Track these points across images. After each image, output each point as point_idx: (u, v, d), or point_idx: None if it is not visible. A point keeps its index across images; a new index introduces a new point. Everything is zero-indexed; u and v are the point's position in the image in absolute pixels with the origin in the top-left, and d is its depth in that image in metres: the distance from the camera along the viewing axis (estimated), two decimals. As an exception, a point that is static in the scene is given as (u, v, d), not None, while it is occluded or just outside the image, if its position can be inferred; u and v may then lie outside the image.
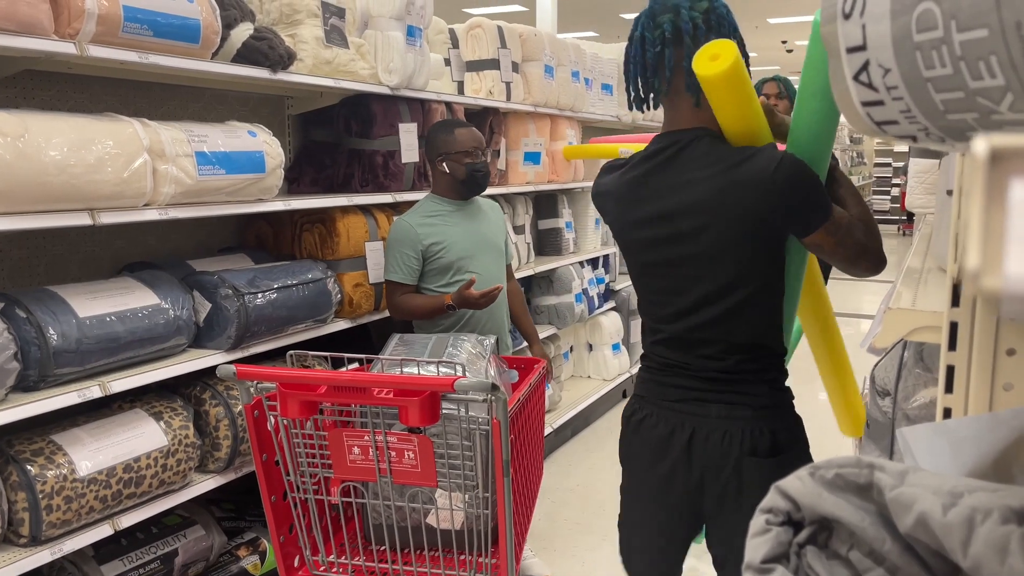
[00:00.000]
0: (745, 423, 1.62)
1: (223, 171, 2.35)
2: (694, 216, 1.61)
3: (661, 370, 1.74)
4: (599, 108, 5.01)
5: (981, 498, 0.52)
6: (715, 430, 1.64)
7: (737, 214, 1.56)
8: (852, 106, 0.55)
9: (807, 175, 1.55)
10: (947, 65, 0.46)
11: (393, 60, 3.05)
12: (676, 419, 1.69)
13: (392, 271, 2.83)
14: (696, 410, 1.66)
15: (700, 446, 1.65)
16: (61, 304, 2.10)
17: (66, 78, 2.48)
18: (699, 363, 1.68)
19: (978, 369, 0.71)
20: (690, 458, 1.67)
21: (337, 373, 1.95)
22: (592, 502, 3.95)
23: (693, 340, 1.68)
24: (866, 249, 1.57)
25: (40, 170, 1.90)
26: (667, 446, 1.70)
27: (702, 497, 1.69)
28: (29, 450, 2.04)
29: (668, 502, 1.74)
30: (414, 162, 3.27)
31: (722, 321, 1.64)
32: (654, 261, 1.72)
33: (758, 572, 0.62)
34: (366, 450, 1.97)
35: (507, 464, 1.92)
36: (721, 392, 1.65)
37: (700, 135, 1.63)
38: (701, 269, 1.64)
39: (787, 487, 0.63)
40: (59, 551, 2.05)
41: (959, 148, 0.54)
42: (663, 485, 1.73)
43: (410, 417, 1.84)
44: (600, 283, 5.15)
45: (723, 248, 1.60)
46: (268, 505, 2.08)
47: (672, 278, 1.69)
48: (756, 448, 1.62)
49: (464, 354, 2.29)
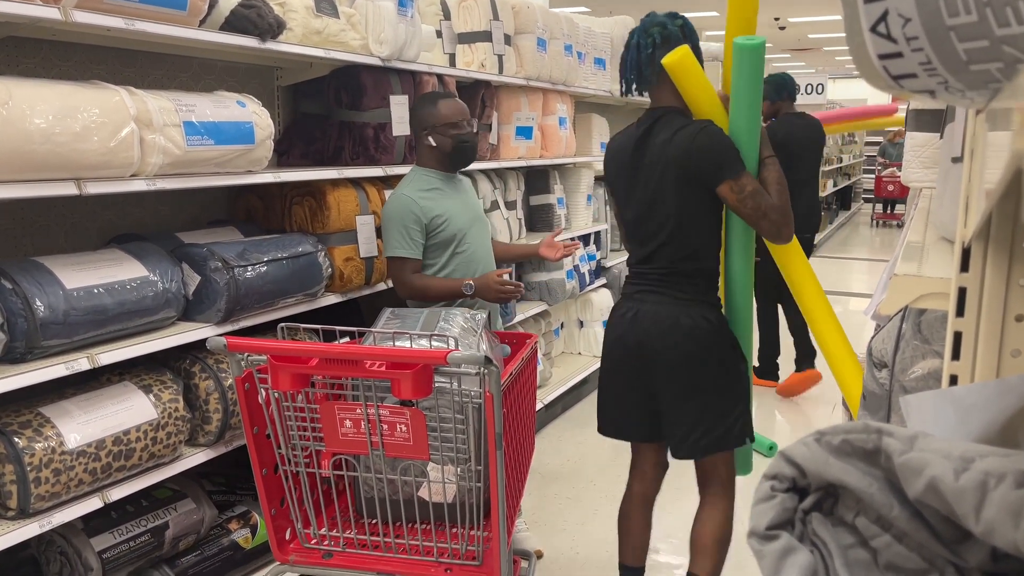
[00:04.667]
0: (673, 307, 2.34)
1: (212, 141, 2.31)
2: (653, 165, 2.32)
3: (631, 277, 2.47)
4: (592, 83, 4.97)
5: (994, 462, 0.51)
6: (651, 311, 2.37)
7: (674, 163, 2.27)
8: (868, 60, 0.53)
9: (720, 141, 2.25)
10: (972, 12, 0.44)
11: (384, 31, 3.01)
12: (630, 304, 2.42)
13: (397, 247, 2.72)
14: (644, 299, 2.39)
15: (642, 321, 2.37)
16: (48, 275, 2.07)
17: (51, 45, 2.43)
18: (651, 271, 2.39)
19: (986, 335, 0.70)
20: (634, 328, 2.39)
21: (329, 346, 1.93)
22: (582, 477, 3.96)
23: (649, 255, 2.38)
24: (765, 212, 2.23)
25: (25, 138, 1.87)
26: (620, 320, 2.44)
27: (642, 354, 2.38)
28: (16, 422, 2.02)
29: (623, 363, 2.44)
30: (405, 135, 3.23)
31: (666, 243, 2.33)
32: (630, 197, 2.41)
33: (762, 539, 0.61)
34: (358, 423, 1.96)
35: (499, 437, 1.93)
36: (662, 290, 2.37)
37: (670, 111, 2.35)
38: (655, 204, 2.33)
39: (792, 453, 0.62)
40: (48, 524, 2.04)
41: (979, 102, 0.52)
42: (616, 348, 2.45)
43: (403, 390, 1.84)
44: (591, 260, 5.14)
45: (667, 189, 2.30)
46: (259, 478, 2.07)
47: (639, 210, 2.38)
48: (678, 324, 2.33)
49: (456, 328, 2.27)
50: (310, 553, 2.15)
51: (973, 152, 0.70)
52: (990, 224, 0.71)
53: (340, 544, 2.15)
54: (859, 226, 14.41)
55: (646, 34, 2.35)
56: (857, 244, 12.54)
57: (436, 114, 2.78)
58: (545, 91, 4.46)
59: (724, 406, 2.35)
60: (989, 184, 0.62)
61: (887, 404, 1.22)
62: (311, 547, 2.15)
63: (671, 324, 2.31)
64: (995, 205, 0.65)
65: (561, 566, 3.16)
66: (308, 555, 2.14)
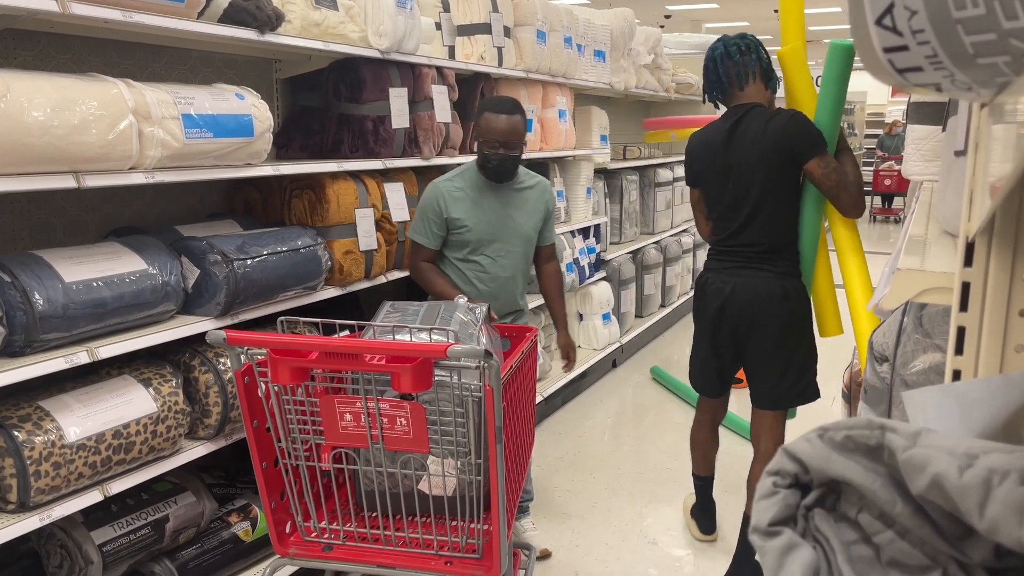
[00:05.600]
0: (771, 280, 2.76)
1: (211, 134, 2.30)
2: (747, 152, 2.72)
3: (719, 255, 2.86)
4: (591, 75, 4.95)
5: (998, 459, 0.51)
6: (750, 284, 2.77)
7: (771, 146, 2.68)
8: (873, 53, 0.53)
9: (808, 126, 2.69)
10: (979, 5, 0.43)
11: (383, 23, 3.00)
12: (724, 278, 2.82)
13: (416, 231, 2.90)
14: (739, 273, 2.80)
15: (741, 292, 2.77)
16: (47, 269, 2.06)
17: (48, 37, 2.42)
18: (744, 249, 2.79)
19: (989, 330, 0.70)
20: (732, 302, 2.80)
21: (329, 339, 1.92)
22: (582, 470, 3.97)
23: (741, 234, 2.78)
24: (846, 185, 2.67)
25: (23, 131, 1.86)
26: (718, 293, 2.82)
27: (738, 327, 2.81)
28: (16, 416, 2.02)
29: (720, 329, 2.86)
30: (404, 128, 3.22)
31: (759, 222, 2.73)
32: (723, 184, 2.79)
33: (765, 535, 0.61)
34: (358, 416, 1.96)
35: (499, 431, 1.92)
36: (758, 265, 2.78)
37: (755, 106, 2.77)
38: (750, 187, 2.73)
39: (795, 449, 0.62)
40: (48, 517, 2.04)
41: (985, 96, 0.52)
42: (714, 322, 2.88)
43: (402, 383, 1.83)
44: (591, 253, 5.13)
45: (760, 172, 2.70)
46: (259, 472, 2.07)
47: (735, 193, 2.77)
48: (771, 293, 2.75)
49: (455, 322, 2.27)
50: (310, 546, 2.14)
51: (978, 146, 0.70)
52: (994, 219, 0.71)
53: (340, 537, 2.14)
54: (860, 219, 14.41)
55: (734, 45, 2.79)
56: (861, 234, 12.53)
57: (478, 125, 2.83)
58: (545, 83, 4.45)
59: (805, 366, 2.83)
60: (993, 178, 0.61)
61: (888, 398, 1.22)
62: (311, 540, 2.15)
63: (770, 294, 2.74)
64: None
65: (561, 558, 3.16)
66: (308, 548, 2.14)
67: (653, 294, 6.33)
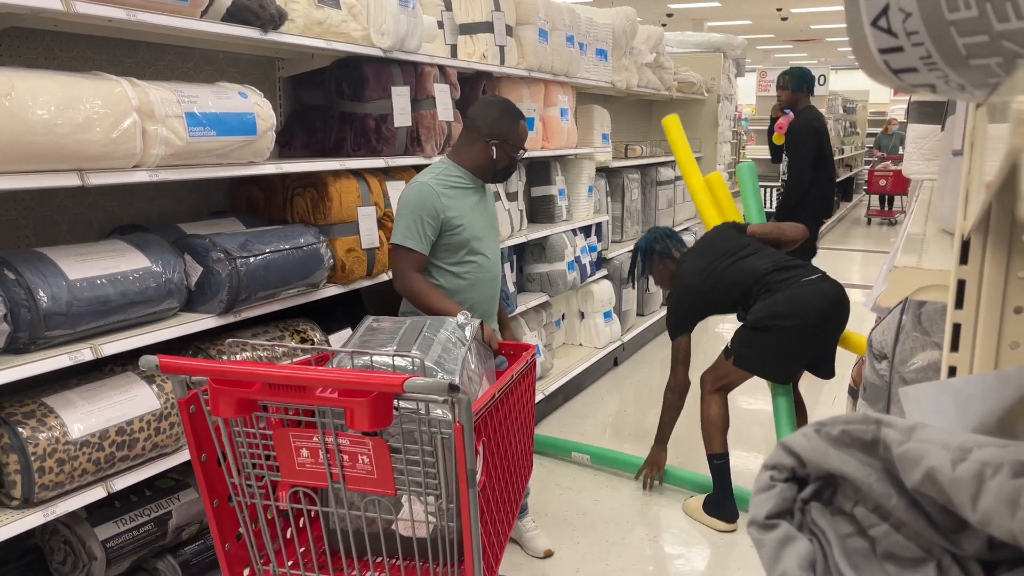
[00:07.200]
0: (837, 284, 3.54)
1: (214, 133, 2.31)
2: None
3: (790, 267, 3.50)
4: (593, 74, 4.95)
5: (991, 453, 0.51)
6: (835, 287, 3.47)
7: None
8: (869, 54, 0.54)
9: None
10: (972, 7, 0.44)
11: (386, 21, 3.01)
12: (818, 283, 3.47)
13: (408, 236, 2.62)
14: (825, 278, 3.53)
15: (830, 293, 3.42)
16: (51, 266, 2.07)
17: (52, 36, 2.43)
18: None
19: (985, 327, 0.71)
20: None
21: (273, 369, 1.69)
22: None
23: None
24: (783, 230, 3.67)
25: (27, 129, 1.87)
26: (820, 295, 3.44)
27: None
28: (20, 412, 2.03)
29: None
30: (407, 126, 3.23)
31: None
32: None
33: (762, 528, 0.62)
34: (316, 452, 1.73)
35: (472, 474, 1.67)
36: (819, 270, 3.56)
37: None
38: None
39: (792, 443, 0.63)
40: (52, 513, 2.05)
41: (979, 96, 0.53)
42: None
43: (356, 421, 1.59)
44: (592, 251, 5.14)
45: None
46: (210, 510, 1.86)
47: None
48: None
49: (438, 342, 2.05)
50: None
51: (973, 145, 0.70)
52: (989, 217, 0.71)
53: None
54: (861, 218, 14.39)
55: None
56: (857, 236, 12.53)
57: (514, 132, 2.79)
58: (547, 82, 4.46)
59: None
60: (989, 177, 0.62)
61: (887, 395, 1.23)
62: None
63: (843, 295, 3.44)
64: (994, 198, 0.66)
65: (562, 556, 3.17)
66: None
67: (654, 292, 6.34)
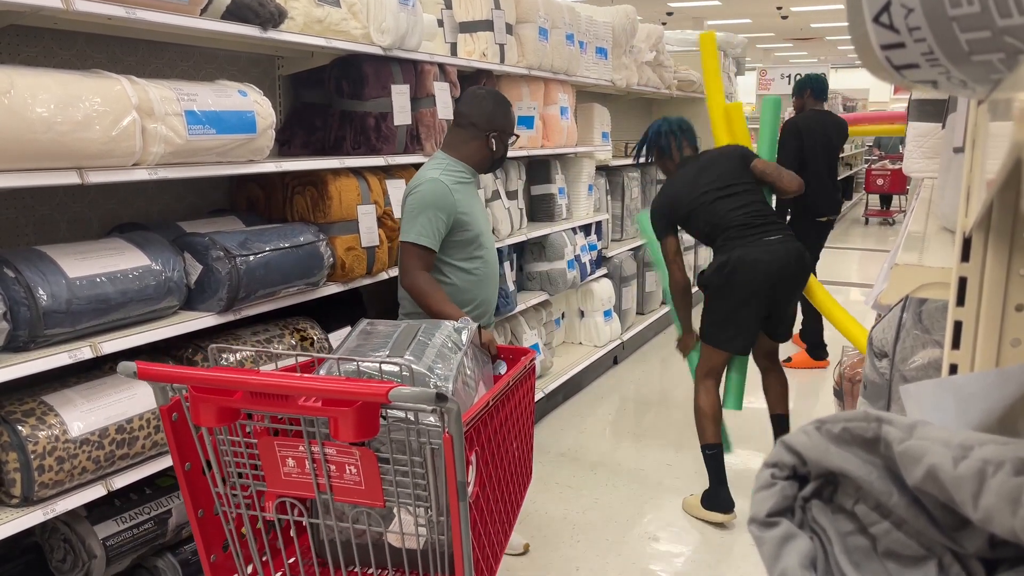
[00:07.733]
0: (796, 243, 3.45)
1: (213, 131, 2.31)
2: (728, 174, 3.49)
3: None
4: (593, 72, 4.95)
5: (992, 450, 0.51)
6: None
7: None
8: (871, 50, 0.53)
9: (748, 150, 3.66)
10: (974, 2, 0.44)
11: (386, 20, 3.00)
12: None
13: (423, 234, 2.59)
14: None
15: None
16: (50, 264, 2.07)
17: (52, 34, 2.42)
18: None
19: (986, 325, 0.71)
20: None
21: (254, 377, 1.62)
22: (582, 466, 3.98)
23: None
24: (783, 175, 3.51)
25: (26, 127, 1.87)
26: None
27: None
28: (20, 411, 2.03)
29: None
30: (406, 124, 3.23)
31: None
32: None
33: (762, 525, 0.62)
34: (302, 462, 1.69)
35: (462, 486, 1.62)
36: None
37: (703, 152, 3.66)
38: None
39: (793, 441, 0.63)
40: (51, 511, 2.05)
41: (980, 93, 0.53)
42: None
43: (340, 431, 1.54)
44: (592, 250, 5.14)
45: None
46: (195, 521, 1.81)
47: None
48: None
49: (432, 347, 1.99)
50: None
51: (975, 142, 0.70)
52: (991, 214, 0.71)
53: None
54: (860, 217, 14.39)
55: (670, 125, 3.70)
56: (857, 234, 12.53)
57: (510, 122, 2.82)
58: (547, 80, 4.45)
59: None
60: (990, 174, 0.62)
61: (887, 393, 1.23)
62: None
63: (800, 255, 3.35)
64: (996, 195, 0.66)
65: (562, 554, 3.17)
66: None
67: (654, 291, 6.34)
